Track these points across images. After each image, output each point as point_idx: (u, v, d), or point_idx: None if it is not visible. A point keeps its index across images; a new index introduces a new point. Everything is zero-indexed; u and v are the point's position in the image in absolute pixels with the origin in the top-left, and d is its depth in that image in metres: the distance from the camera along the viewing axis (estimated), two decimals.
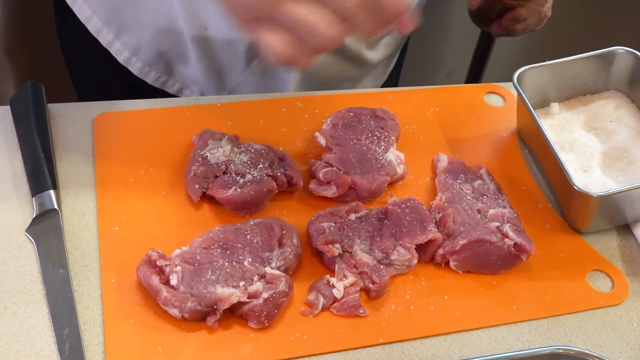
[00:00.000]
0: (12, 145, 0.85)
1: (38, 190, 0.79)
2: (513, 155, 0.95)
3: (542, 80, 0.93)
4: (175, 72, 1.04)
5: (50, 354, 0.69)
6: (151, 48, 1.00)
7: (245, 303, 0.72)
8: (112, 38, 1.01)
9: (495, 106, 1.01)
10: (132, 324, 0.72)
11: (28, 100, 0.86)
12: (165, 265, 0.73)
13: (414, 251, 0.78)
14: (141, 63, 1.02)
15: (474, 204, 0.83)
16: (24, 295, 0.73)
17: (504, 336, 0.76)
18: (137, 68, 1.03)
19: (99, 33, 1.01)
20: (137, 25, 0.98)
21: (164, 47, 1.00)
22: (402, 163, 0.87)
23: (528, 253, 0.79)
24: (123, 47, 1.01)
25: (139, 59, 1.02)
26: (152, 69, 1.03)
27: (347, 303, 0.75)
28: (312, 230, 0.78)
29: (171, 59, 1.02)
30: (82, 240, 0.78)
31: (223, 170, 0.82)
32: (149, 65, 1.03)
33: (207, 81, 1.03)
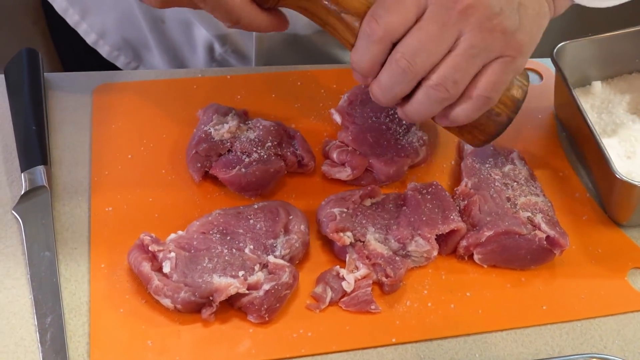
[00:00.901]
0: (5, 116, 0.80)
1: (28, 166, 0.75)
2: (549, 139, 0.88)
3: (583, 56, 0.87)
4: (144, 59, 1.02)
5: (31, 344, 0.64)
6: (117, 33, 0.99)
7: (245, 295, 0.66)
8: (79, 19, 0.98)
9: (531, 84, 0.93)
10: (120, 313, 0.66)
11: (23, 69, 0.81)
12: (158, 250, 0.67)
13: (434, 242, 0.72)
14: (109, 47, 1.01)
15: (503, 191, 0.76)
16: (6, 279, 0.68)
17: (532, 340, 0.70)
18: (105, 51, 1.01)
19: (65, 12, 0.99)
20: (99, 7, 0.97)
21: (128, 33, 0.99)
22: (424, 145, 0.81)
23: (562, 248, 0.72)
24: (90, 29, 0.99)
25: (106, 42, 1.00)
26: (121, 53, 1.01)
27: (358, 298, 0.69)
28: (321, 216, 0.72)
29: (137, 46, 1.00)
30: (72, 220, 0.73)
31: (228, 148, 0.77)
32: (117, 50, 1.01)
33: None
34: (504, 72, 0.65)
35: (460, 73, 0.63)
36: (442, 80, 0.63)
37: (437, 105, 0.65)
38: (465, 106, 0.66)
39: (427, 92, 0.64)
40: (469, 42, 0.63)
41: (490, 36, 0.63)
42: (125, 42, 0.99)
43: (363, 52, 0.65)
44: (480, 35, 0.63)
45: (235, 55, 0.97)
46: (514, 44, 0.64)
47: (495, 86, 0.65)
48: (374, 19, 0.63)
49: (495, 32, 0.63)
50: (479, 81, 0.64)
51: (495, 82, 0.65)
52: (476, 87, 0.65)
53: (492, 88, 0.65)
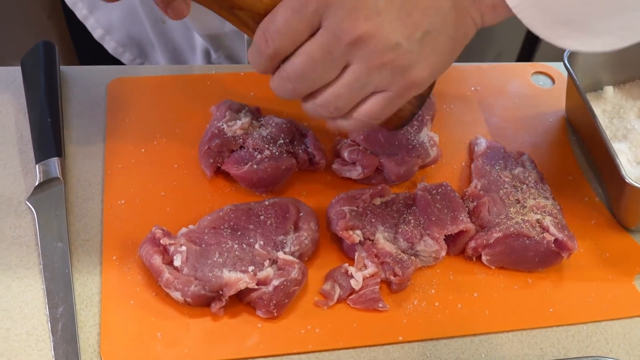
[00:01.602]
0: (21, 108, 0.81)
1: (42, 157, 0.75)
2: (559, 142, 0.88)
3: (595, 60, 0.87)
4: (149, 57, 1.02)
5: (42, 333, 0.65)
6: (122, 29, 0.99)
7: (254, 290, 0.66)
8: (87, 13, 0.99)
9: (543, 88, 0.93)
10: (131, 305, 0.67)
11: (39, 61, 0.82)
12: (169, 244, 0.68)
13: (442, 242, 0.72)
14: (115, 42, 1.01)
15: (512, 193, 0.76)
16: (19, 269, 0.68)
17: (538, 341, 0.70)
18: (111, 47, 1.01)
19: (74, 6, 0.99)
20: (106, 3, 0.97)
21: (133, 30, 0.99)
22: (435, 145, 0.81)
23: (570, 251, 0.72)
24: (97, 24, 0.99)
25: (112, 38, 1.00)
26: (126, 50, 1.01)
27: (366, 295, 0.69)
28: (331, 214, 0.73)
29: (142, 43, 1.00)
30: (85, 212, 0.73)
31: (240, 145, 0.77)
32: (122, 46, 1.01)
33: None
34: (389, 104, 0.63)
35: (343, 101, 0.63)
36: (325, 104, 0.63)
37: (324, 116, 0.66)
38: (349, 122, 0.65)
39: (312, 106, 0.65)
40: (354, 75, 0.61)
41: (378, 72, 0.60)
42: (130, 39, 0.99)
43: (255, 60, 0.64)
44: (367, 69, 0.60)
45: (229, 61, 0.98)
46: (405, 81, 0.61)
47: (376, 115, 0.64)
48: (265, 36, 0.61)
49: (384, 68, 0.60)
50: (361, 106, 0.63)
51: (376, 113, 0.63)
52: (357, 111, 0.64)
53: (373, 117, 0.64)
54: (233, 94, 0.84)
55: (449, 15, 0.60)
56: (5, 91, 0.82)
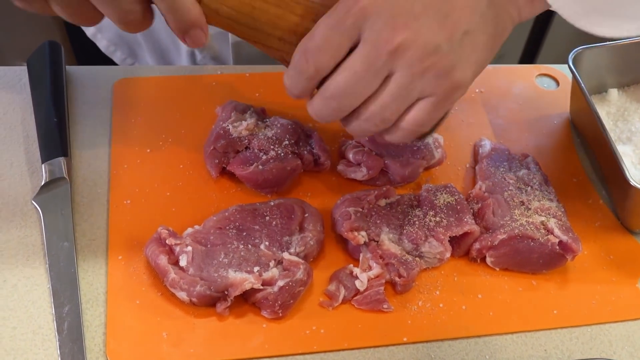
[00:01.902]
0: (27, 107, 0.81)
1: (48, 157, 0.75)
2: (564, 144, 0.88)
3: (600, 63, 0.87)
4: (139, 56, 1.02)
5: (48, 332, 0.65)
6: (113, 28, 0.99)
7: (259, 290, 0.67)
8: None
9: (547, 90, 0.93)
10: (136, 305, 0.67)
11: (45, 61, 0.82)
12: (175, 244, 0.68)
13: (447, 244, 0.72)
14: (106, 41, 1.01)
15: (517, 195, 0.76)
16: (25, 268, 0.69)
17: (542, 343, 0.70)
18: (103, 45, 1.01)
19: None
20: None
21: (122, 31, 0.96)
22: (440, 147, 0.81)
23: (574, 253, 0.72)
24: None
25: (104, 37, 1.00)
26: (117, 48, 1.01)
27: (370, 296, 0.69)
28: (336, 215, 0.73)
29: (131, 43, 1.00)
30: (91, 212, 0.73)
31: (245, 145, 0.77)
32: (114, 45, 1.01)
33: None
34: (434, 110, 0.62)
35: (389, 112, 0.62)
36: (371, 118, 0.62)
37: (371, 131, 0.65)
38: (396, 134, 0.64)
39: (358, 123, 0.64)
40: (398, 84, 0.60)
41: (421, 77, 0.59)
42: (120, 38, 0.99)
43: (294, 82, 0.63)
44: (410, 77, 0.59)
45: (214, 62, 0.97)
46: (449, 84, 0.60)
47: (424, 122, 0.63)
48: (305, 55, 0.60)
49: (427, 74, 0.59)
50: (407, 114, 0.62)
51: (424, 119, 0.62)
52: (405, 120, 0.63)
53: (420, 124, 0.63)
54: (238, 95, 0.85)
55: (486, 13, 0.60)
56: (11, 91, 0.82)
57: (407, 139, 0.65)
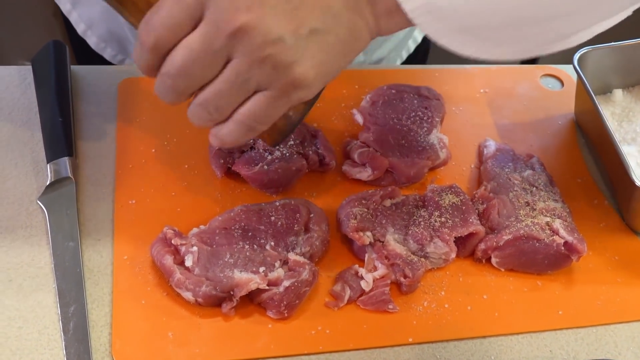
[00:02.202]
0: (32, 107, 0.81)
1: (53, 157, 0.75)
2: (568, 145, 0.88)
3: (605, 64, 0.87)
4: (129, 53, 1.01)
5: (54, 332, 0.65)
6: (103, 25, 0.98)
7: (265, 290, 0.66)
8: (70, 8, 0.98)
9: (552, 90, 0.93)
10: (142, 305, 0.67)
11: (50, 61, 0.82)
12: (180, 244, 0.68)
13: (452, 244, 0.72)
14: (96, 38, 1.00)
15: (522, 196, 0.76)
16: (30, 268, 0.69)
17: (547, 344, 0.70)
18: (93, 42, 1.00)
19: (59, 0, 0.98)
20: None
21: (113, 26, 0.98)
22: (445, 147, 0.81)
23: (579, 254, 0.72)
24: (79, 19, 0.98)
25: (94, 33, 0.99)
26: (107, 45, 1.00)
27: (376, 297, 0.69)
28: (342, 215, 0.73)
29: (122, 39, 0.99)
30: (96, 212, 0.73)
31: (250, 146, 0.77)
32: (104, 42, 1.00)
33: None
34: (270, 105, 0.59)
35: (223, 100, 0.59)
36: (204, 102, 0.59)
37: (205, 122, 0.61)
38: (229, 128, 0.61)
39: (193, 108, 0.60)
40: (235, 70, 0.57)
41: (259, 66, 0.56)
42: (110, 34, 0.99)
43: (138, 56, 0.59)
44: (248, 64, 0.56)
45: None
46: (288, 79, 0.57)
47: (259, 117, 0.59)
48: (147, 27, 0.57)
49: (265, 63, 0.56)
50: (243, 107, 0.59)
51: (257, 114, 0.59)
52: (239, 112, 0.60)
53: (255, 119, 0.59)
54: None
55: (339, 15, 0.58)
56: (16, 90, 0.82)
57: (241, 136, 0.61)
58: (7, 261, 0.69)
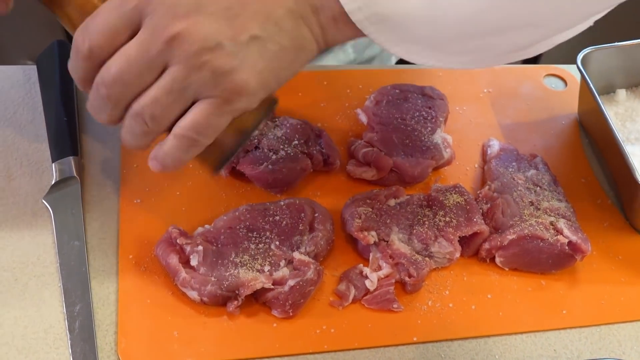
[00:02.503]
0: (37, 107, 0.81)
1: (59, 156, 0.75)
2: (572, 145, 0.88)
3: (609, 64, 0.87)
4: None
5: (60, 331, 0.65)
6: None
7: (270, 290, 0.67)
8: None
9: (556, 90, 0.94)
10: (147, 304, 0.67)
11: (54, 60, 0.82)
12: (186, 243, 0.68)
13: (456, 244, 0.72)
14: None
15: (526, 196, 0.76)
16: (36, 267, 0.69)
17: (551, 343, 0.70)
18: None
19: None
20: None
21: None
22: (449, 147, 0.81)
23: (583, 253, 0.72)
24: None
25: None
26: None
27: (380, 296, 0.69)
28: (346, 215, 0.73)
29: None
30: (101, 211, 0.74)
31: (255, 145, 0.77)
32: None
33: None
34: (213, 114, 0.57)
35: (160, 108, 0.56)
36: (139, 111, 0.57)
37: (142, 137, 0.59)
38: (170, 144, 0.58)
39: (129, 122, 0.58)
40: (172, 77, 0.55)
41: (197, 73, 0.55)
42: None
43: (74, 66, 0.58)
44: (185, 70, 0.55)
45: None
46: (228, 86, 0.56)
47: (200, 127, 0.57)
48: (82, 34, 0.56)
49: (203, 69, 0.55)
50: (183, 119, 0.57)
51: (199, 124, 0.57)
52: (179, 125, 0.57)
53: (196, 130, 0.57)
54: None
55: (282, 23, 0.57)
56: (21, 90, 0.83)
57: (183, 152, 0.59)
58: (13, 260, 0.69)
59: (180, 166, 0.60)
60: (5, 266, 0.68)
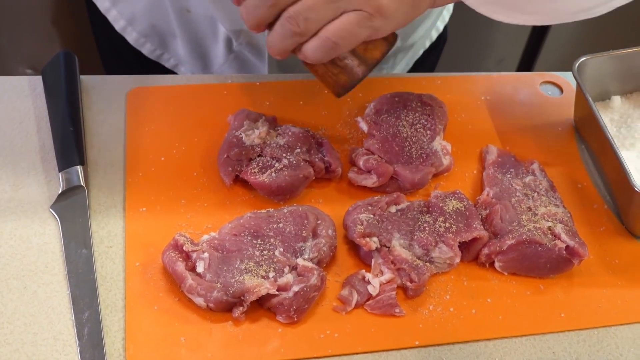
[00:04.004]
0: (43, 116, 0.82)
1: (65, 166, 0.77)
2: (568, 151, 0.89)
3: (604, 71, 0.88)
4: (169, 47, 1.03)
5: (69, 338, 0.66)
6: (145, 20, 1.00)
7: (275, 296, 0.68)
8: (109, 5, 1.01)
9: (552, 97, 0.95)
10: (154, 311, 0.68)
11: (60, 71, 0.83)
12: (192, 250, 0.69)
13: (457, 249, 0.73)
14: (136, 33, 1.02)
15: (524, 201, 0.78)
16: (45, 275, 0.70)
17: (550, 346, 0.71)
18: (133, 38, 1.02)
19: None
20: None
21: (156, 20, 0.99)
22: (448, 154, 0.82)
23: (581, 257, 0.73)
24: (119, 15, 1.01)
25: (134, 29, 1.01)
26: (147, 40, 1.02)
27: (383, 301, 0.71)
28: (348, 222, 0.74)
29: (164, 33, 1.01)
30: (108, 219, 0.75)
31: (258, 153, 0.78)
32: (144, 37, 1.02)
33: (194, 62, 1.03)
34: (358, 24, 0.65)
35: (314, 13, 0.65)
36: (295, 14, 0.65)
37: (289, 38, 0.67)
38: (313, 44, 0.67)
39: (282, 23, 0.66)
40: None
41: None
42: (152, 29, 1.00)
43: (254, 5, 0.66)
44: None
45: (249, 47, 0.98)
46: (375, 2, 0.65)
47: (344, 33, 0.66)
48: None
49: None
50: (331, 24, 0.66)
51: (345, 30, 0.66)
52: (326, 29, 0.66)
53: (340, 35, 0.66)
54: (249, 104, 0.86)
55: None
56: (27, 100, 0.84)
57: (324, 52, 0.67)
58: (22, 268, 0.70)
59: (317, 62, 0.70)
60: (14, 274, 0.70)
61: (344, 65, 0.70)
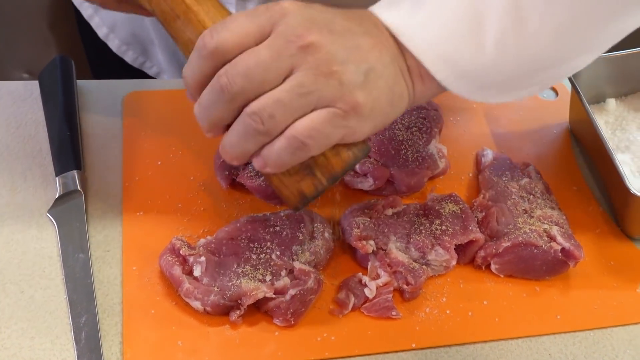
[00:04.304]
0: (40, 121, 0.83)
1: (62, 170, 0.77)
2: (563, 153, 0.90)
3: (598, 74, 0.88)
4: (150, 55, 1.03)
5: (66, 342, 0.66)
6: (126, 28, 1.00)
7: (271, 299, 0.68)
8: (92, 12, 1.00)
9: (547, 100, 0.96)
10: (152, 315, 0.68)
11: (56, 76, 0.84)
12: (189, 254, 0.69)
13: (453, 252, 0.74)
14: (119, 41, 1.02)
15: (520, 204, 0.78)
16: (42, 279, 0.70)
17: (546, 347, 0.72)
18: (115, 45, 1.02)
19: (80, 5, 1.01)
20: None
21: (136, 28, 1.00)
22: (444, 157, 0.83)
23: (576, 260, 0.74)
24: (101, 22, 1.01)
25: (116, 36, 1.01)
26: (129, 48, 1.02)
27: (379, 304, 0.71)
28: (345, 225, 0.74)
29: (144, 41, 1.01)
30: (105, 224, 0.75)
31: None
32: (126, 44, 1.02)
33: (175, 71, 1.02)
34: (329, 123, 0.58)
35: (281, 109, 0.57)
36: (259, 110, 0.57)
37: (251, 139, 0.59)
38: (278, 144, 0.59)
39: (243, 121, 0.58)
40: (300, 80, 0.57)
41: (324, 81, 0.57)
42: (133, 37, 1.00)
43: (192, 66, 0.60)
44: (314, 76, 0.57)
45: None
46: (350, 99, 0.58)
47: (314, 132, 0.58)
48: (210, 33, 0.58)
49: (331, 78, 0.57)
50: (299, 122, 0.58)
51: (315, 129, 0.58)
52: (293, 127, 0.58)
53: (310, 134, 0.58)
54: None
55: (389, 66, 0.61)
56: (24, 105, 0.84)
57: (289, 155, 0.59)
58: (19, 273, 0.70)
59: (280, 169, 0.61)
60: (11, 279, 0.70)
61: (308, 171, 0.62)
